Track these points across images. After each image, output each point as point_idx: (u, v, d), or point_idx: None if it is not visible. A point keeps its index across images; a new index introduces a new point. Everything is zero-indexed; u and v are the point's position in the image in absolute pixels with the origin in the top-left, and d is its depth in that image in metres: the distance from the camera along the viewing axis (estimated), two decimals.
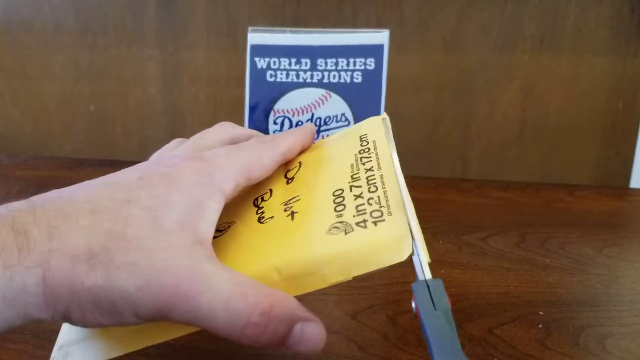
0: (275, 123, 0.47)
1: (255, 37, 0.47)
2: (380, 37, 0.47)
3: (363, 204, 0.26)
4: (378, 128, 0.32)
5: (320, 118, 0.47)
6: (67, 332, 0.28)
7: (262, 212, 0.30)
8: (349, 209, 0.26)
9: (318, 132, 0.47)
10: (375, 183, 0.27)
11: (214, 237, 0.28)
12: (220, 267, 0.24)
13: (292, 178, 0.32)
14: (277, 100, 0.47)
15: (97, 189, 0.25)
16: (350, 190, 0.27)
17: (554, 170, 0.72)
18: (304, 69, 0.47)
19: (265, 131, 0.47)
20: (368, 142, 0.31)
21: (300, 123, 0.47)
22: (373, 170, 0.28)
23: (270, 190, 0.31)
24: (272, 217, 0.29)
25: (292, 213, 0.28)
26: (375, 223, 0.25)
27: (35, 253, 0.22)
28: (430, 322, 0.22)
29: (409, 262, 0.24)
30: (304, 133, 0.34)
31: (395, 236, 0.24)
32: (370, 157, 0.30)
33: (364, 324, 0.37)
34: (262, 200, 0.31)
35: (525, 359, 0.33)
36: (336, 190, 0.28)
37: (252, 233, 0.28)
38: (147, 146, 0.78)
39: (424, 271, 0.24)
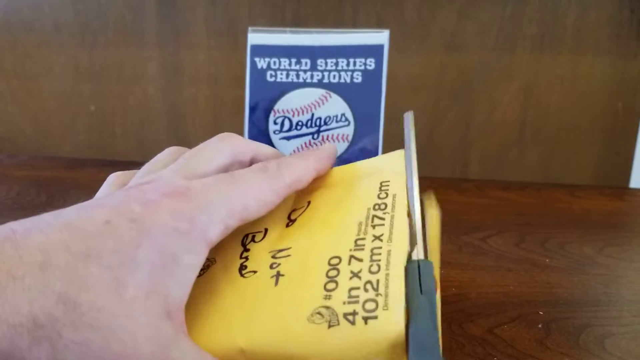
0: (275, 123, 0.47)
1: (256, 37, 0.47)
2: (380, 37, 0.47)
3: (358, 288, 0.22)
4: (401, 173, 0.27)
5: (320, 118, 0.47)
6: None
7: (247, 260, 0.26)
8: (341, 290, 0.22)
9: (318, 132, 0.47)
10: (379, 261, 0.22)
11: None
12: (185, 352, 0.21)
13: (294, 220, 0.27)
14: (277, 100, 0.47)
15: (54, 232, 0.21)
16: (349, 263, 0.23)
17: (554, 170, 0.72)
18: (304, 69, 0.47)
19: (265, 132, 0.47)
20: (387, 196, 0.26)
21: (300, 123, 0.47)
22: (382, 241, 0.23)
23: (266, 230, 0.27)
24: (254, 272, 0.25)
25: (278, 275, 0.24)
26: (365, 320, 0.21)
27: None
28: (413, 305, 0.21)
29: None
30: (318, 159, 0.29)
31: (385, 340, 0.21)
32: (384, 218, 0.24)
33: None
34: (253, 241, 0.27)
35: (525, 359, 0.33)
36: (333, 258, 0.23)
37: (228, 287, 0.25)
38: (147, 146, 0.78)
39: (417, 250, 0.23)
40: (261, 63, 0.47)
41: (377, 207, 0.25)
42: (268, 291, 0.23)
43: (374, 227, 0.24)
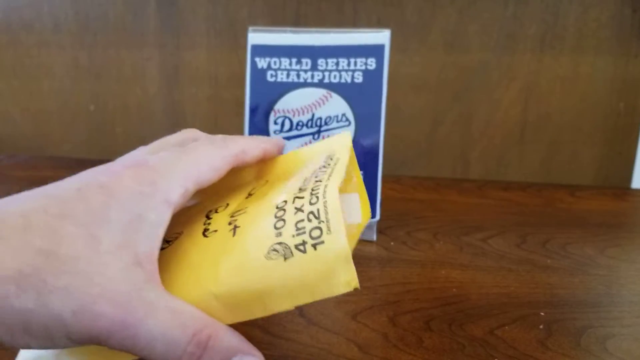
0: (275, 123, 0.47)
1: (256, 37, 0.47)
2: (381, 37, 0.47)
3: (302, 220, 0.24)
4: (346, 146, 0.30)
5: (320, 118, 0.47)
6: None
7: (209, 224, 0.28)
8: (289, 225, 0.24)
9: (319, 132, 0.47)
10: (317, 193, 0.25)
11: (162, 248, 0.27)
12: (160, 294, 0.23)
13: (253, 194, 0.30)
14: (277, 100, 0.47)
15: (33, 201, 0.23)
16: (293, 202, 0.25)
17: (555, 170, 0.72)
18: (305, 69, 0.47)
19: (266, 132, 0.47)
20: (332, 159, 0.29)
21: (300, 123, 0.47)
22: (321, 182, 0.26)
23: (227, 204, 0.30)
24: (215, 231, 0.27)
25: (235, 228, 0.26)
26: (314, 246, 0.23)
27: None
28: None
29: (410, 262, 0.24)
30: (264, 140, 0.32)
31: (335, 258, 0.23)
32: (326, 171, 0.27)
33: (364, 324, 0.36)
34: (215, 212, 0.29)
35: None
36: (280, 202, 0.26)
37: (194, 247, 0.27)
38: None
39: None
40: (261, 63, 0.47)
41: (322, 167, 0.28)
42: (228, 241, 0.25)
43: (317, 176, 0.27)
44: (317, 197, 0.25)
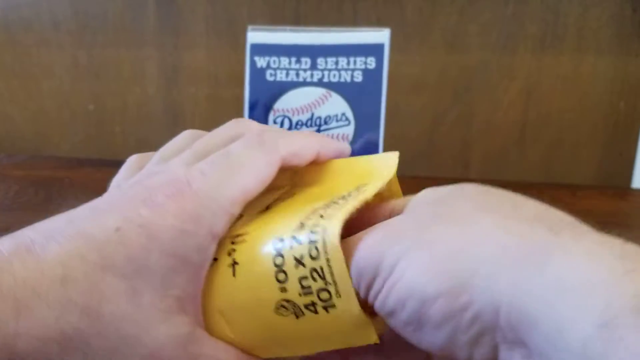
0: (275, 122, 0.47)
1: (255, 35, 0.47)
2: (380, 36, 0.46)
3: (306, 278, 0.21)
4: (381, 179, 0.25)
5: (320, 117, 0.46)
6: None
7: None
8: (292, 281, 0.22)
9: (318, 131, 0.47)
10: (317, 242, 0.21)
11: None
12: (204, 344, 0.23)
13: (269, 208, 0.26)
14: (277, 100, 0.47)
15: (69, 242, 0.22)
16: (291, 248, 0.22)
17: (556, 170, 0.72)
18: (304, 68, 0.46)
19: None
20: (358, 190, 0.25)
21: (300, 122, 0.47)
22: (323, 218, 0.22)
23: (241, 215, 0.26)
24: (215, 260, 0.24)
25: (234, 264, 0.24)
26: (326, 309, 0.21)
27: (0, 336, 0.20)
28: None
29: None
30: (322, 142, 0.27)
31: (349, 323, 0.22)
32: (339, 203, 0.23)
33: None
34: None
35: None
36: (278, 242, 0.23)
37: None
38: (146, 145, 0.77)
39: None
40: (261, 62, 0.47)
41: (341, 197, 0.24)
42: (230, 283, 0.23)
43: (326, 209, 0.23)
44: (317, 250, 0.21)
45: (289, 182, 0.29)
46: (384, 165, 0.27)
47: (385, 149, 0.48)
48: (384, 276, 0.20)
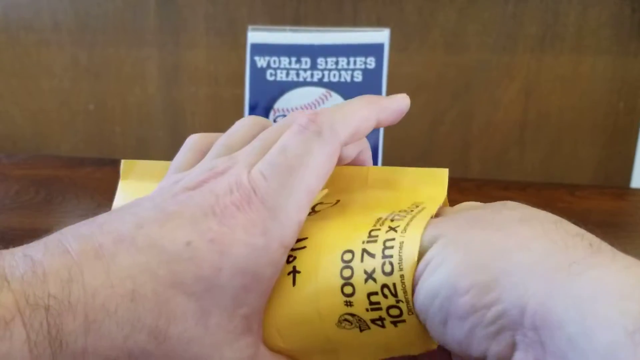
0: (275, 122, 0.47)
1: (256, 35, 0.47)
2: (380, 36, 0.47)
3: (376, 293, 0.21)
4: (437, 201, 0.25)
5: None
6: None
7: None
8: (360, 296, 0.21)
9: None
10: (391, 257, 0.21)
11: None
12: None
13: (318, 212, 0.25)
14: (277, 99, 0.47)
15: (140, 254, 0.21)
16: (362, 260, 0.21)
17: (555, 170, 0.72)
18: (304, 67, 0.47)
19: None
20: (418, 207, 0.24)
21: None
22: (396, 232, 0.21)
23: None
24: None
25: (294, 272, 0.23)
26: (394, 324, 0.21)
27: (68, 351, 0.19)
28: None
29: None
30: (383, 108, 0.26)
31: (418, 338, 0.21)
32: (405, 216, 0.22)
33: None
34: None
35: None
36: (346, 252, 0.22)
37: None
38: (146, 145, 0.78)
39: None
40: (261, 62, 0.47)
41: (402, 211, 0.23)
42: (288, 292, 0.23)
43: (392, 220, 0.22)
44: (392, 265, 0.20)
45: (328, 184, 0.27)
46: (433, 182, 0.26)
47: (385, 149, 0.48)
48: (417, 274, 0.20)
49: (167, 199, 0.22)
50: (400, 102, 0.27)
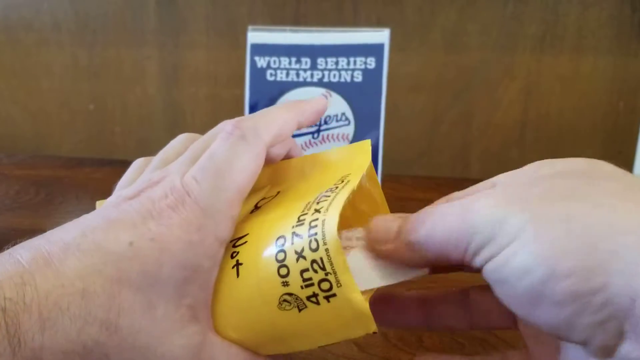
0: None
1: (256, 36, 0.47)
2: (380, 36, 0.47)
3: (307, 270, 0.22)
4: (362, 167, 0.26)
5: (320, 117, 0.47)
6: None
7: None
8: (294, 275, 0.23)
9: (318, 132, 0.47)
10: (316, 235, 0.22)
11: None
12: (215, 349, 0.24)
13: (259, 207, 0.28)
14: (277, 100, 0.47)
15: (87, 256, 0.22)
16: (292, 242, 0.23)
17: None
18: (304, 68, 0.47)
19: None
20: (342, 182, 0.25)
21: None
22: (319, 212, 0.23)
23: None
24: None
25: (237, 265, 0.25)
26: (327, 299, 0.22)
27: (26, 349, 0.20)
28: None
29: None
30: (302, 111, 0.28)
31: (351, 312, 0.22)
32: (329, 196, 0.24)
33: None
34: None
35: None
36: (279, 238, 0.24)
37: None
38: (146, 145, 0.78)
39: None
40: (261, 62, 0.47)
41: (328, 190, 0.25)
42: (233, 284, 0.24)
43: (317, 202, 0.24)
44: (317, 242, 0.22)
45: (268, 181, 0.30)
46: (358, 153, 0.28)
47: (385, 149, 0.48)
48: (501, 242, 0.19)
49: (109, 209, 0.24)
50: (317, 104, 0.30)
